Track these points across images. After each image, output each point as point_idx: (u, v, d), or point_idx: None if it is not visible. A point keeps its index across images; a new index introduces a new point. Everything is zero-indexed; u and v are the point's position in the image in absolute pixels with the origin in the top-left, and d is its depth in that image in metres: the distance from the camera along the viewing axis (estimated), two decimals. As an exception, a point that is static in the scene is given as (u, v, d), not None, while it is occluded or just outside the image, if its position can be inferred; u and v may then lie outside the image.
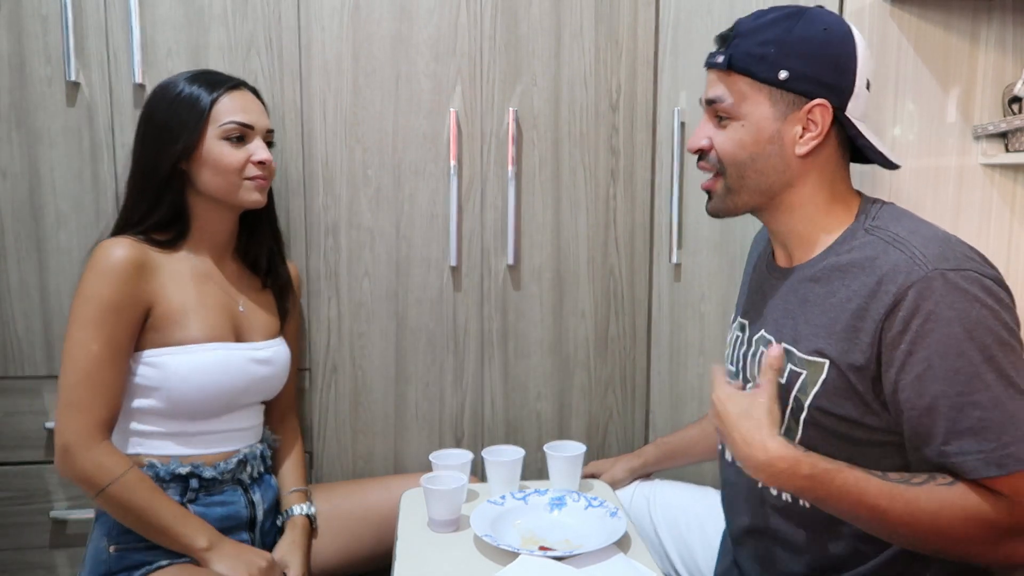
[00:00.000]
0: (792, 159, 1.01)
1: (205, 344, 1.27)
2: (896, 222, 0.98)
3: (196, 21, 1.49)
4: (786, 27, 0.99)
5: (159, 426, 1.26)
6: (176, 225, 1.30)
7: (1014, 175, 1.43)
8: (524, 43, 1.59)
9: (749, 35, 1.01)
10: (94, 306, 1.19)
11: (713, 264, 1.58)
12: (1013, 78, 1.41)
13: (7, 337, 1.51)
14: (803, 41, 0.98)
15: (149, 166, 1.28)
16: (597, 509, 1.27)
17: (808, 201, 1.03)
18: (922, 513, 0.87)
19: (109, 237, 1.26)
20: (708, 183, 1.08)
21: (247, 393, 1.34)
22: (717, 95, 1.03)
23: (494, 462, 1.35)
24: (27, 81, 1.46)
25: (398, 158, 1.58)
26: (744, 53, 1.00)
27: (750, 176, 1.03)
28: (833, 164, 1.03)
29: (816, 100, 0.98)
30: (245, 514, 1.33)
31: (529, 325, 1.66)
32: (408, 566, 1.15)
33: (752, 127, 1.01)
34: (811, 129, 0.99)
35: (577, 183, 1.64)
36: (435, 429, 1.66)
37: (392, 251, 1.60)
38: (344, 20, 1.54)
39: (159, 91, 1.30)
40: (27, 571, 1.54)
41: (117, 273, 1.20)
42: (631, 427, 1.72)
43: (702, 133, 1.06)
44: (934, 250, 0.91)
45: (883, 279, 0.91)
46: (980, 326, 0.87)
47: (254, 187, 1.31)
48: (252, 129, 1.31)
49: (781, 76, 0.98)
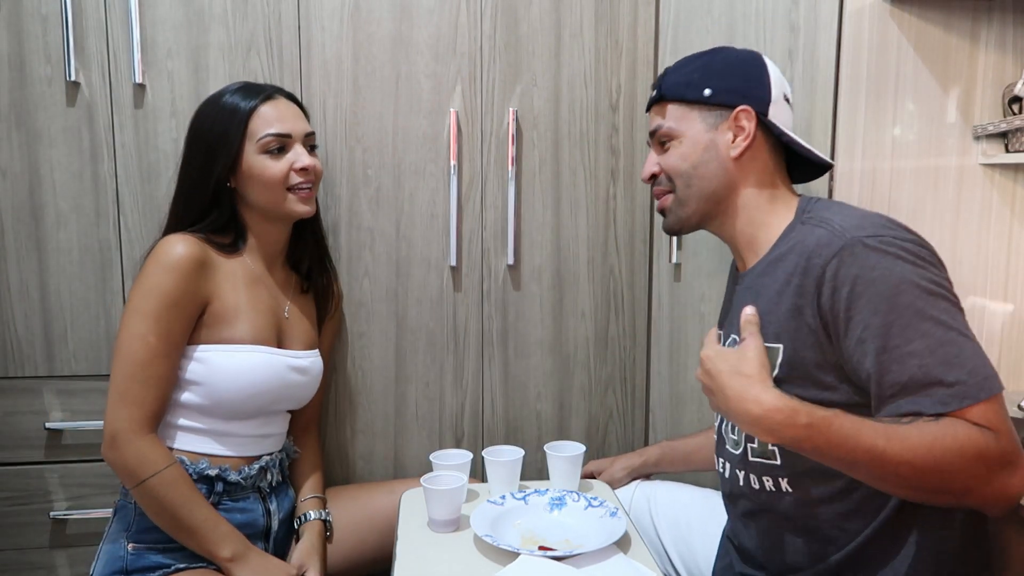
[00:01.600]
0: (729, 162, 1.13)
1: (250, 346, 1.29)
2: (826, 210, 1.06)
3: (196, 21, 1.49)
4: (706, 60, 1.16)
5: (195, 421, 1.27)
6: (232, 233, 1.32)
7: (1014, 175, 1.43)
8: (524, 43, 1.59)
9: (676, 71, 1.17)
10: (155, 299, 1.20)
11: (713, 264, 1.58)
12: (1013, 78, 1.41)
13: (7, 337, 1.51)
14: (720, 65, 1.15)
15: (196, 184, 1.30)
16: (597, 509, 1.27)
17: (750, 202, 1.13)
18: (918, 448, 0.88)
19: (164, 235, 1.27)
20: (661, 202, 1.20)
21: (281, 399, 1.35)
22: (657, 124, 1.18)
23: (494, 462, 1.35)
24: (27, 81, 1.46)
25: (398, 158, 1.58)
26: (673, 83, 1.16)
27: (695, 183, 1.14)
28: (769, 167, 1.14)
29: (740, 107, 1.11)
30: (262, 523, 1.33)
31: (529, 325, 1.66)
32: (408, 566, 1.15)
33: (689, 141, 1.14)
34: (739, 133, 1.12)
35: (577, 183, 1.64)
36: (435, 429, 1.66)
37: (392, 251, 1.60)
38: (344, 20, 1.54)
39: (201, 109, 1.32)
40: (27, 571, 1.54)
41: (180, 268, 1.21)
42: (631, 427, 1.72)
43: (651, 161, 1.20)
44: (851, 222, 0.98)
45: (810, 255, 0.99)
46: (905, 281, 0.92)
47: (298, 199, 1.32)
48: (290, 137, 1.31)
49: (706, 93, 1.13)
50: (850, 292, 0.94)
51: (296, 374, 1.36)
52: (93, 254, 1.51)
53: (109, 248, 1.51)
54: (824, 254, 0.97)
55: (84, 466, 1.53)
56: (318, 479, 1.47)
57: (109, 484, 1.53)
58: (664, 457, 1.49)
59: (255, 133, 1.28)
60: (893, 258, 0.93)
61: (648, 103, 1.22)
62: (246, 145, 1.28)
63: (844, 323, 0.95)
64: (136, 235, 1.51)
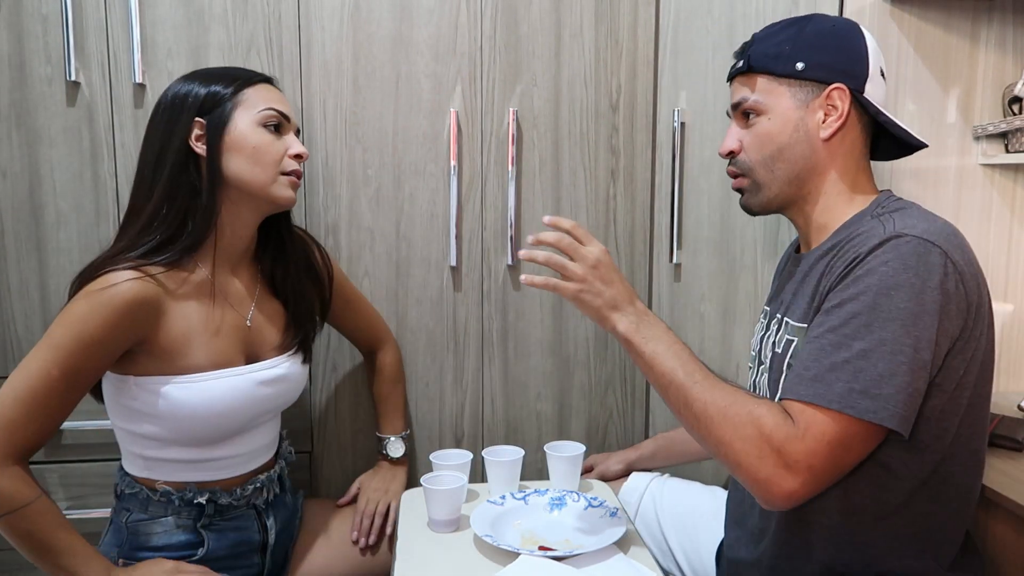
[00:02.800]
0: (818, 144, 1.06)
1: (209, 372, 1.18)
2: (901, 211, 1.00)
3: (196, 21, 1.49)
4: (798, 28, 1.07)
5: (168, 453, 1.20)
6: (187, 230, 1.17)
7: (1014, 175, 1.43)
8: (524, 43, 1.59)
9: (764, 40, 1.09)
10: (74, 336, 1.08)
11: (713, 264, 1.58)
12: (1013, 78, 1.41)
13: (7, 337, 1.51)
14: (814, 36, 1.06)
15: (163, 146, 1.16)
16: (597, 509, 1.27)
17: (832, 188, 1.07)
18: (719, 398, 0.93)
19: (110, 253, 1.15)
20: (737, 182, 1.13)
21: (258, 416, 1.26)
22: (742, 96, 1.10)
23: (494, 462, 1.35)
24: (27, 81, 1.46)
25: (398, 158, 1.58)
26: (761, 54, 1.07)
27: (779, 167, 1.08)
28: (857, 149, 1.08)
29: (834, 84, 1.04)
30: (257, 539, 1.29)
31: (529, 325, 1.66)
32: (408, 566, 1.15)
33: (778, 119, 1.07)
34: (832, 113, 1.05)
35: (577, 183, 1.64)
36: (435, 429, 1.66)
37: (392, 251, 1.60)
38: (344, 20, 1.54)
39: (186, 75, 1.22)
40: (27, 571, 1.53)
41: (113, 312, 1.08)
42: (631, 427, 1.72)
43: (732, 136, 1.12)
44: (909, 222, 0.94)
45: (856, 245, 0.96)
46: (898, 288, 0.89)
47: (288, 183, 1.22)
48: (289, 121, 1.24)
49: (798, 67, 1.04)
50: (854, 272, 0.93)
51: (268, 387, 1.25)
52: (93, 254, 1.48)
53: (109, 248, 1.51)
54: (867, 244, 0.94)
55: (84, 466, 1.53)
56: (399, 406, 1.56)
57: (109, 484, 1.52)
58: (660, 450, 1.50)
59: (254, 103, 1.20)
60: (908, 266, 0.90)
61: (731, 72, 1.13)
62: (238, 111, 1.18)
63: (825, 291, 0.97)
64: (136, 235, 1.51)
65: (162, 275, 1.15)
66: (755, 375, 1.16)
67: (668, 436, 1.51)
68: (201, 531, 1.23)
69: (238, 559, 1.27)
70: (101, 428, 1.46)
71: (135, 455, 1.21)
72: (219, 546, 1.24)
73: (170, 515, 1.21)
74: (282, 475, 1.37)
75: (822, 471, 0.90)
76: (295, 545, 1.39)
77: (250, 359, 1.26)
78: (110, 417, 1.23)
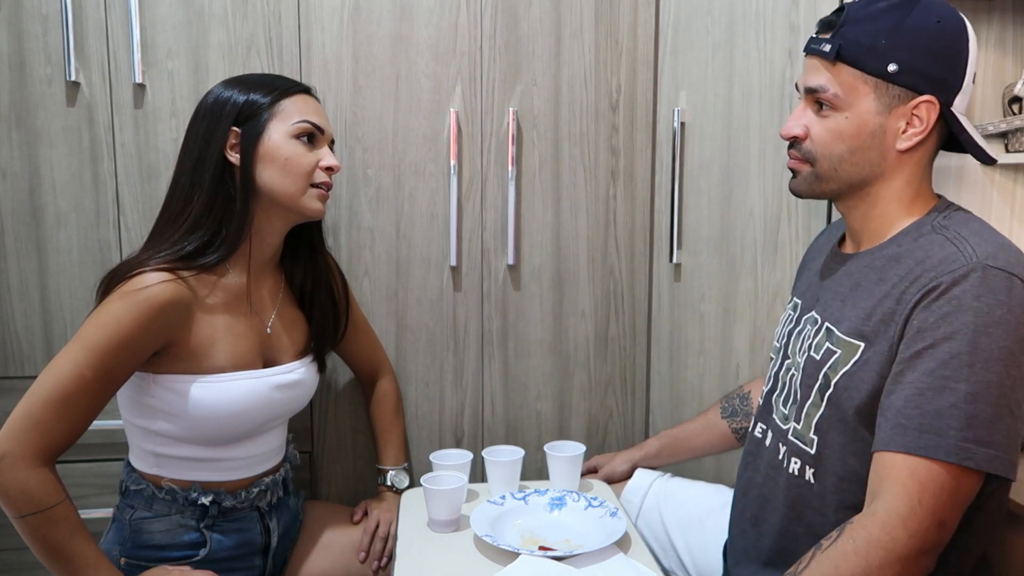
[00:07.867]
0: (891, 153, 0.99)
1: (229, 373, 1.20)
2: (964, 225, 0.96)
3: (196, 21, 1.49)
4: (898, 16, 0.95)
5: (179, 451, 1.21)
6: (223, 236, 1.19)
7: (1014, 175, 1.43)
8: (524, 43, 1.59)
9: (859, 23, 0.97)
10: (108, 336, 1.08)
11: (713, 264, 1.58)
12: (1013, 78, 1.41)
13: (7, 337, 1.51)
14: (915, 33, 0.95)
15: (200, 155, 1.19)
16: (597, 509, 1.28)
17: (893, 196, 1.01)
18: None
19: (144, 256, 1.16)
20: (795, 164, 1.06)
21: (270, 419, 1.28)
22: (820, 84, 0.99)
23: (494, 462, 1.35)
24: (27, 81, 1.46)
25: (398, 158, 1.58)
26: (853, 43, 0.96)
27: (845, 168, 1.00)
28: (927, 160, 1.01)
29: (924, 96, 0.95)
30: (260, 541, 1.30)
31: (529, 325, 1.66)
32: (408, 566, 1.15)
33: (855, 120, 0.98)
34: (915, 125, 0.97)
35: (577, 183, 1.64)
36: (435, 429, 1.66)
37: (392, 251, 1.60)
38: (344, 20, 1.54)
39: (225, 81, 1.24)
40: (27, 571, 1.54)
41: (148, 313, 1.10)
42: (631, 427, 1.72)
43: (799, 120, 1.03)
44: (987, 249, 0.89)
45: (929, 268, 0.91)
46: (996, 326, 0.85)
47: (317, 195, 1.24)
48: (323, 134, 1.25)
49: (890, 69, 0.95)
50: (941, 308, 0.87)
51: (282, 392, 1.27)
52: (93, 254, 1.51)
53: (109, 248, 1.51)
54: (943, 270, 0.89)
55: (84, 466, 1.53)
56: (398, 439, 1.55)
57: (109, 484, 1.53)
58: (664, 448, 1.49)
59: (289, 114, 1.21)
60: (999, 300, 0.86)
61: (811, 45, 1.01)
62: (273, 122, 1.20)
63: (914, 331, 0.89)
64: (136, 235, 1.51)
65: (192, 278, 1.16)
66: (778, 368, 1.13)
67: (671, 434, 1.51)
68: (204, 531, 1.23)
69: (240, 560, 1.27)
70: (101, 428, 1.46)
71: (145, 451, 1.22)
72: (222, 547, 1.24)
73: (174, 514, 1.22)
74: (286, 478, 1.38)
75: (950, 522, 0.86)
76: (295, 548, 1.39)
77: (267, 363, 1.28)
78: (122, 413, 1.24)
